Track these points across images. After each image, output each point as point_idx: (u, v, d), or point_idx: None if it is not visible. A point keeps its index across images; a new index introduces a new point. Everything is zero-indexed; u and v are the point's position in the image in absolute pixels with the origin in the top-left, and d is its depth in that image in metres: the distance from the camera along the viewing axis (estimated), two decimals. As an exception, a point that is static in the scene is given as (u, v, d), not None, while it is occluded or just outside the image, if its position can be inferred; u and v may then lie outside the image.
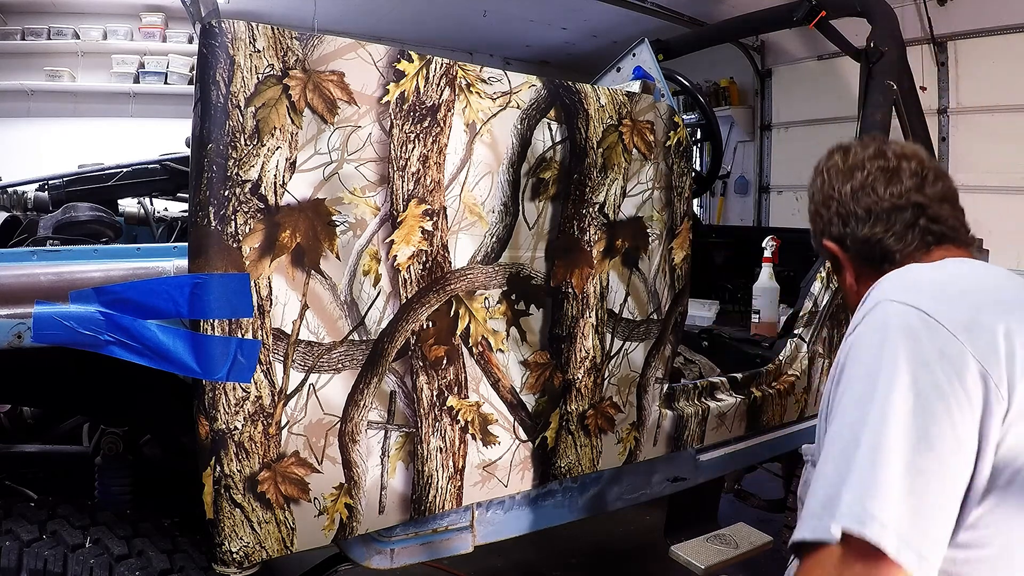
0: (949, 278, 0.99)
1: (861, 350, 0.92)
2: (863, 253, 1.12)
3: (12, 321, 1.05)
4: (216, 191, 1.09)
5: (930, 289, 0.95)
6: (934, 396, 0.83)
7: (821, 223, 1.19)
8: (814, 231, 1.23)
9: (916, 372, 0.85)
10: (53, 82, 4.35)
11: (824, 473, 0.87)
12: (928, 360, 0.85)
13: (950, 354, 0.85)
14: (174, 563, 1.25)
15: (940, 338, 0.86)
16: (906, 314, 0.90)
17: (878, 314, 0.93)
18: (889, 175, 1.11)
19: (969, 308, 0.90)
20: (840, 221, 1.14)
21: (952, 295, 0.93)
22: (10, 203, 1.89)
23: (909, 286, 0.96)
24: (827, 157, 1.22)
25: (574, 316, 1.54)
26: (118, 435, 1.53)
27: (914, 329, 0.88)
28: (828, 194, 1.17)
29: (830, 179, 1.17)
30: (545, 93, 1.45)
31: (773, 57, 4.72)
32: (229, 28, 1.08)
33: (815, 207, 1.21)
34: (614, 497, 1.80)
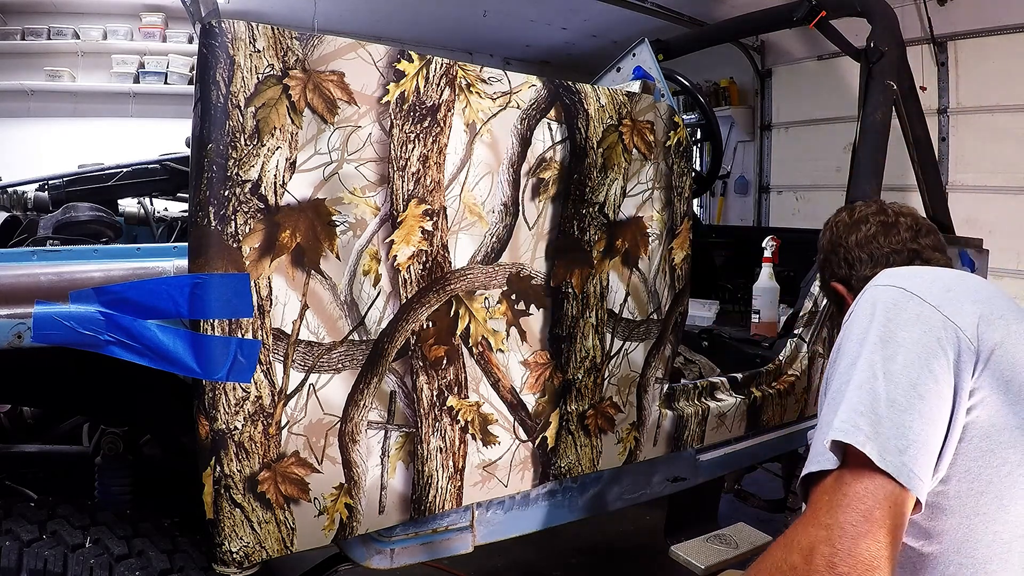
0: (934, 274, 1.13)
1: (852, 323, 1.05)
2: (859, 284, 1.27)
3: (12, 321, 1.05)
4: (216, 191, 1.09)
5: (915, 278, 1.08)
6: (913, 346, 0.96)
7: (830, 269, 1.40)
8: (823, 277, 1.45)
9: (896, 329, 0.99)
10: (53, 82, 4.36)
11: (822, 418, 1.00)
12: (908, 319, 0.99)
13: (927, 316, 1.00)
14: (174, 563, 1.25)
15: (918, 306, 1.01)
16: (890, 291, 1.04)
17: (867, 294, 1.07)
18: (888, 227, 1.33)
19: (944, 287, 1.05)
20: (846, 265, 1.35)
21: (934, 283, 1.06)
22: (10, 203, 1.89)
23: (895, 276, 1.11)
24: (835, 215, 1.44)
25: (574, 316, 1.54)
26: (118, 435, 1.53)
27: (897, 300, 1.02)
28: (836, 243, 1.38)
29: (838, 231, 1.39)
30: (545, 93, 1.45)
31: (773, 57, 4.72)
32: (229, 28, 1.08)
33: (824, 256, 1.42)
34: (614, 497, 1.80)
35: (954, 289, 1.05)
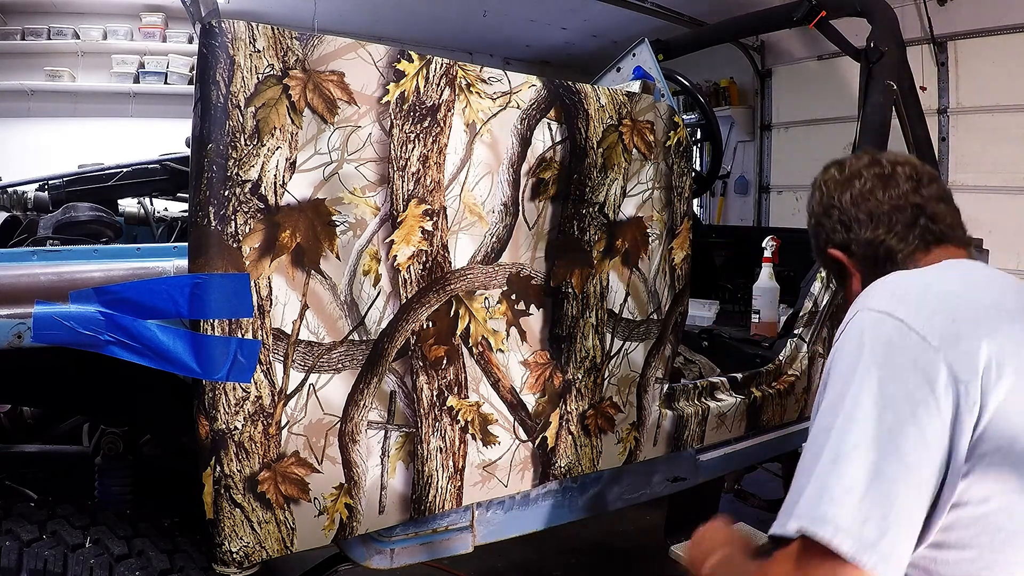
0: (937, 283, 1.00)
1: (838, 358, 0.95)
2: (868, 256, 1.14)
3: (12, 321, 1.05)
4: (216, 191, 1.09)
5: (913, 296, 0.96)
6: (903, 403, 0.85)
7: (824, 234, 1.21)
8: (817, 244, 1.26)
9: (886, 380, 0.87)
10: (53, 82, 4.35)
11: (797, 473, 0.91)
12: (899, 368, 0.87)
13: (922, 362, 0.87)
14: (174, 563, 1.25)
15: (913, 346, 0.88)
16: (881, 323, 0.92)
17: (856, 323, 0.96)
18: (886, 180, 1.15)
19: (950, 316, 0.91)
20: (843, 228, 1.17)
21: (935, 302, 0.94)
22: (10, 203, 1.88)
23: (890, 294, 0.97)
24: (823, 172, 1.26)
25: (574, 316, 1.54)
26: (118, 435, 1.52)
27: (888, 338, 0.90)
28: (828, 204, 1.20)
29: (829, 191, 1.21)
30: (545, 93, 1.45)
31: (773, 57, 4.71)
32: (229, 28, 1.08)
33: (816, 220, 1.24)
34: (614, 497, 1.80)
35: (961, 316, 0.91)
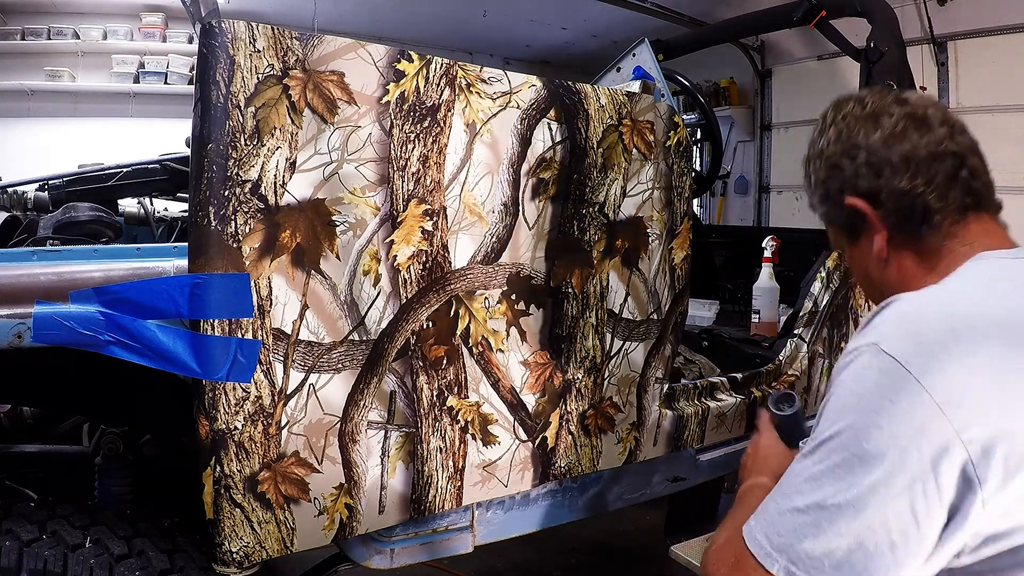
0: (970, 309, 0.82)
1: (838, 400, 0.83)
2: (902, 210, 0.93)
3: (12, 321, 1.05)
4: (216, 191, 1.09)
5: (937, 333, 0.79)
6: (899, 482, 0.74)
7: (841, 178, 0.98)
8: (825, 191, 1.02)
9: (885, 450, 0.75)
10: (53, 82, 4.35)
11: (774, 500, 0.85)
12: (902, 438, 0.74)
13: (931, 433, 0.74)
14: (174, 563, 1.25)
15: (925, 412, 0.74)
16: (893, 374, 0.77)
17: (864, 363, 0.81)
18: (919, 122, 0.95)
19: (980, 364, 0.76)
20: (871, 172, 0.94)
21: (965, 342, 0.77)
22: (10, 203, 1.88)
23: (911, 329, 0.81)
24: (836, 108, 1.03)
25: (574, 316, 1.54)
26: (118, 435, 1.52)
27: (897, 397, 0.76)
28: (852, 143, 0.97)
29: (850, 128, 0.98)
30: (545, 93, 1.45)
31: (773, 57, 4.71)
32: (229, 28, 1.08)
33: (831, 162, 0.99)
34: (614, 497, 1.80)
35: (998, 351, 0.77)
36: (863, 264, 1.01)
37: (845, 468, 0.76)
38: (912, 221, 0.93)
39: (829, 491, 0.77)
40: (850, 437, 0.77)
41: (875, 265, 0.99)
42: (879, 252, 0.97)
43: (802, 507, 0.79)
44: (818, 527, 0.77)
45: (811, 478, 0.79)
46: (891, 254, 0.97)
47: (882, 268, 0.98)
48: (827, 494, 0.77)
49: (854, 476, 0.76)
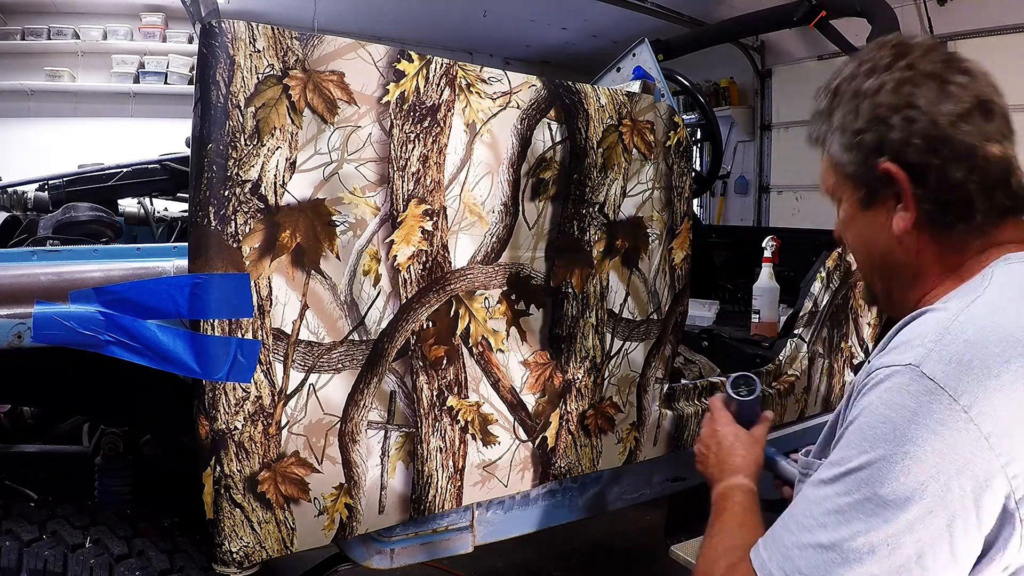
0: (1014, 326, 0.73)
1: (869, 425, 0.74)
2: (944, 200, 0.82)
3: (12, 321, 1.05)
4: (216, 191, 1.09)
5: (982, 357, 0.71)
6: (939, 520, 0.68)
7: (885, 136, 0.83)
8: (860, 141, 0.86)
9: (925, 486, 0.68)
10: (53, 82, 4.35)
11: (789, 530, 0.79)
12: (944, 474, 0.68)
13: (975, 467, 0.68)
14: (174, 563, 1.25)
15: (970, 445, 0.68)
16: (937, 402, 0.70)
17: (900, 385, 0.73)
18: (984, 109, 0.82)
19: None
20: (927, 147, 0.81)
21: (1014, 368, 0.70)
22: (10, 203, 1.88)
23: (956, 351, 0.72)
24: (899, 50, 0.86)
25: (574, 316, 1.54)
26: (118, 435, 1.52)
27: (941, 428, 0.69)
28: (912, 103, 0.82)
29: (914, 84, 0.82)
30: (545, 93, 1.45)
31: (773, 57, 4.71)
32: (229, 28, 1.08)
33: (877, 112, 0.84)
34: (614, 497, 1.80)
35: None
36: (870, 235, 0.90)
37: (878, 504, 0.70)
38: (950, 214, 0.83)
39: (859, 527, 0.70)
40: (884, 469, 0.70)
41: (887, 242, 0.88)
42: (900, 232, 0.85)
43: (826, 544, 0.72)
44: (846, 566, 0.71)
45: (836, 511, 0.73)
46: (921, 241, 0.85)
47: (894, 247, 0.87)
48: (856, 530, 0.71)
49: (888, 512, 0.69)
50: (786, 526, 0.79)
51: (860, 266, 0.96)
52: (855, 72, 0.88)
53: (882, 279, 0.93)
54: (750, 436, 1.17)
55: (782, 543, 0.78)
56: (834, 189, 0.94)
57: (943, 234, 0.84)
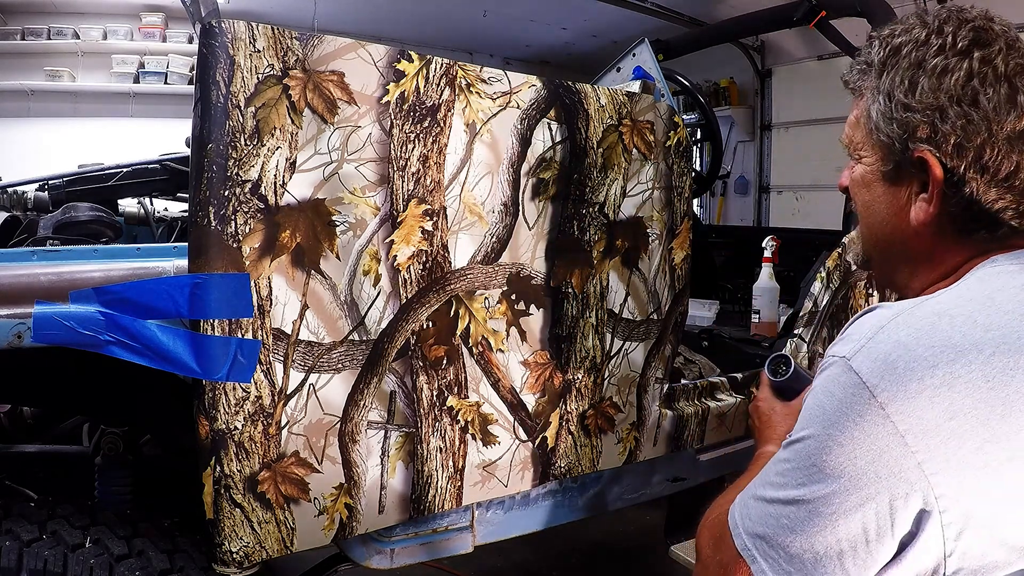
0: (959, 331, 0.71)
1: (809, 405, 0.78)
2: (973, 211, 0.79)
3: (12, 321, 1.05)
4: (216, 191, 1.09)
5: (907, 360, 0.70)
6: (852, 500, 0.71)
7: (934, 124, 0.78)
8: (905, 117, 0.80)
9: (841, 468, 0.71)
10: (53, 82, 4.35)
11: (752, 484, 0.85)
12: (860, 460, 0.70)
13: (888, 458, 0.69)
14: (174, 563, 1.25)
15: (886, 439, 0.69)
16: (859, 395, 0.71)
17: (833, 375, 0.75)
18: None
19: (955, 398, 0.68)
20: (975, 153, 0.76)
21: (940, 373, 0.69)
22: (10, 203, 1.88)
23: (885, 350, 0.72)
24: (979, 37, 0.78)
25: (574, 316, 1.54)
26: (118, 435, 1.53)
27: (860, 420, 0.70)
28: (972, 99, 0.76)
29: (982, 79, 0.76)
30: (545, 93, 1.45)
31: (773, 57, 4.71)
32: (229, 28, 1.08)
33: (935, 97, 0.78)
34: (614, 497, 1.80)
35: (982, 415, 0.68)
36: (884, 211, 0.87)
37: (804, 473, 0.75)
38: (973, 222, 0.80)
39: (791, 491, 0.76)
40: (812, 446, 0.74)
41: (899, 223, 0.85)
42: (919, 223, 0.82)
43: (768, 498, 0.80)
44: (777, 521, 0.77)
45: (779, 473, 0.80)
46: (929, 230, 0.83)
47: (908, 233, 0.85)
48: (788, 493, 0.77)
49: (812, 484, 0.74)
50: (753, 481, 0.85)
51: (863, 233, 0.93)
52: (925, 40, 0.80)
53: (883, 254, 0.91)
54: (787, 407, 1.17)
55: (745, 494, 0.85)
56: (857, 146, 0.89)
57: (962, 235, 0.82)
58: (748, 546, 0.80)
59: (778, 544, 0.77)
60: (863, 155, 0.88)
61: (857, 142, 0.89)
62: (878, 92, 0.83)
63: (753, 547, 0.79)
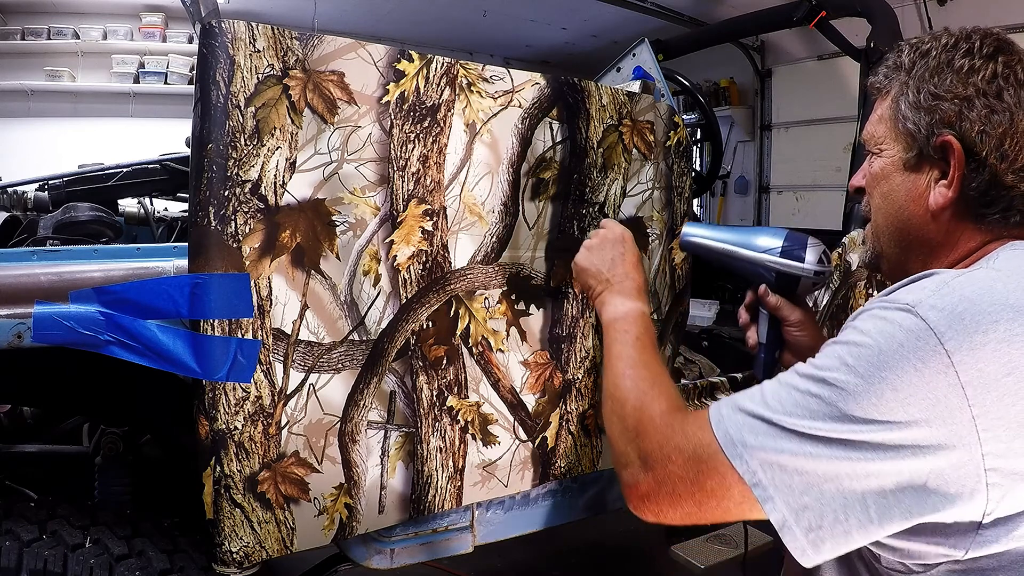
0: (1014, 296, 0.75)
1: (856, 343, 0.76)
2: (992, 193, 0.84)
3: (12, 321, 1.05)
4: (216, 191, 1.09)
5: (974, 312, 0.73)
6: (892, 453, 0.71)
7: (961, 113, 0.84)
8: (934, 106, 0.86)
9: (892, 415, 0.71)
10: (53, 82, 4.36)
11: (753, 398, 0.81)
12: (914, 408, 0.70)
13: (943, 410, 0.70)
14: (174, 563, 1.25)
15: (946, 389, 0.70)
16: (924, 341, 0.72)
17: (895, 319, 0.75)
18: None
19: (1015, 354, 0.71)
20: (997, 141, 0.83)
21: (1003, 328, 0.71)
22: (10, 203, 1.89)
23: (952, 302, 0.74)
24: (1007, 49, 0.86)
25: (574, 316, 1.54)
26: (118, 435, 1.53)
27: (922, 365, 0.71)
28: (996, 93, 0.83)
29: (1003, 82, 0.83)
30: (549, 91, 1.45)
31: (773, 57, 4.71)
32: (229, 28, 1.08)
33: (964, 91, 0.84)
34: (614, 497, 1.80)
35: None
36: (902, 198, 0.91)
37: (838, 414, 0.73)
38: (990, 207, 0.85)
39: (821, 427, 0.74)
40: (859, 387, 0.72)
41: (916, 210, 0.89)
42: (937, 207, 0.87)
43: (786, 426, 0.76)
44: (796, 454, 0.74)
45: (801, 405, 0.76)
46: (946, 215, 0.87)
47: (925, 219, 0.89)
48: (818, 429, 0.74)
49: (850, 423, 0.72)
50: (751, 395, 0.82)
51: (878, 227, 0.96)
52: (953, 45, 0.88)
53: (899, 245, 0.93)
54: (628, 261, 1.18)
55: (744, 409, 0.80)
56: (879, 140, 0.94)
57: (976, 221, 0.86)
58: (756, 471, 0.76)
59: (795, 473, 0.74)
60: (884, 148, 0.93)
61: (879, 136, 0.94)
62: (907, 86, 0.89)
63: (763, 473, 0.75)
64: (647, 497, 0.86)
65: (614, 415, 0.97)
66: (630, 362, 1.03)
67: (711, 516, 0.81)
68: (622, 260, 1.21)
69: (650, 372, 1.01)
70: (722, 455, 0.78)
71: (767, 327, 1.17)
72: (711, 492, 0.80)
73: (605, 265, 1.21)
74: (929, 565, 0.77)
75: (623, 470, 0.90)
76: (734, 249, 1.17)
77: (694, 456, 0.81)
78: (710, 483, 0.79)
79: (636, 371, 1.01)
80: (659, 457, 0.85)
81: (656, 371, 1.01)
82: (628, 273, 1.19)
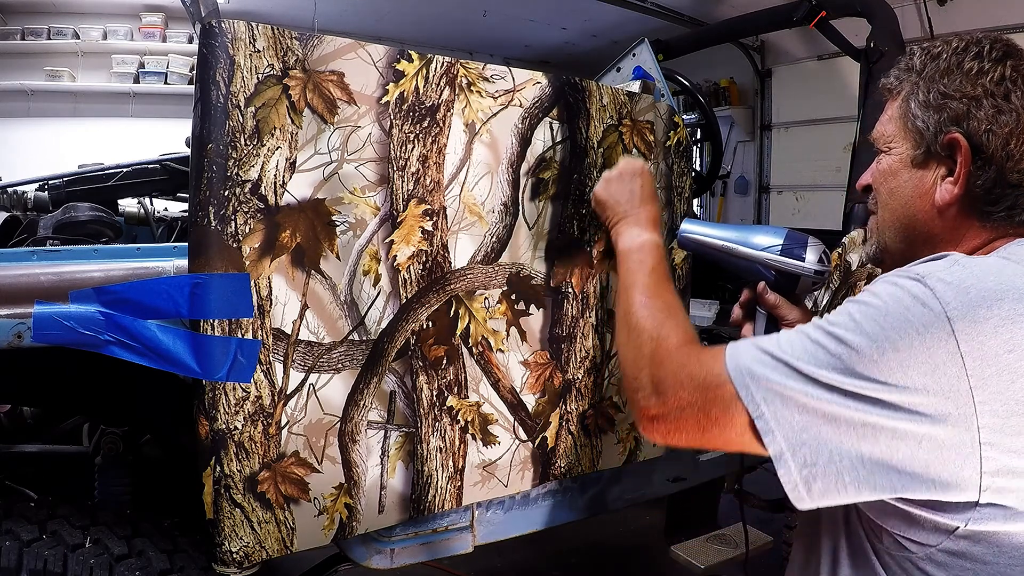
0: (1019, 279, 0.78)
1: (868, 303, 0.79)
2: (996, 191, 0.87)
3: (12, 321, 1.05)
4: (216, 191, 1.09)
5: (980, 288, 0.76)
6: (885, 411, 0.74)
7: (969, 112, 0.86)
8: (942, 106, 0.88)
9: (891, 376, 0.73)
10: (53, 82, 4.36)
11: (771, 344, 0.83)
12: (913, 372, 0.73)
13: (940, 375, 0.72)
14: (174, 563, 1.26)
15: (944, 355, 0.73)
16: (928, 309, 0.74)
17: (905, 286, 0.78)
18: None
19: (1016, 333, 0.73)
20: (1003, 140, 0.85)
21: (1007, 308, 0.74)
22: (10, 203, 1.89)
23: (960, 278, 0.77)
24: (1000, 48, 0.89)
25: (574, 316, 1.54)
26: (118, 435, 1.53)
27: (925, 331, 0.73)
28: (1004, 94, 0.85)
29: (1010, 84, 0.86)
30: (550, 91, 1.45)
31: (773, 57, 4.71)
32: (229, 28, 1.08)
33: (972, 91, 0.87)
34: (614, 497, 1.80)
35: None
36: (909, 194, 0.93)
37: (848, 371, 0.75)
38: (994, 204, 0.87)
39: (825, 375, 0.76)
40: (862, 345, 0.75)
41: (923, 206, 0.92)
42: (943, 203, 0.89)
43: (793, 367, 0.78)
44: (808, 393, 0.77)
45: (810, 353, 0.78)
46: (952, 211, 0.89)
47: (931, 215, 0.91)
48: (823, 374, 0.77)
49: (851, 378, 0.75)
50: (768, 338, 0.85)
51: (883, 221, 0.98)
52: (963, 49, 0.90)
53: (905, 240, 0.96)
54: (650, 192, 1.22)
55: (761, 351, 0.83)
56: (888, 139, 0.96)
57: (981, 218, 0.88)
58: (760, 404, 0.79)
59: (797, 410, 0.77)
60: (893, 146, 0.95)
61: (889, 135, 0.96)
62: (918, 86, 0.92)
63: (766, 407, 0.78)
64: (656, 419, 0.89)
65: (629, 342, 1.00)
66: (646, 291, 1.06)
67: (713, 443, 0.85)
68: (640, 192, 1.23)
69: (665, 302, 1.04)
70: (730, 385, 0.81)
71: (764, 326, 1.17)
72: (715, 420, 0.83)
73: (623, 196, 1.24)
74: (927, 545, 0.79)
75: (635, 393, 0.94)
76: (733, 246, 1.17)
77: (704, 384, 0.85)
78: (715, 411, 0.83)
79: (652, 300, 1.04)
80: (672, 383, 0.88)
81: (671, 301, 1.04)
82: (644, 205, 1.22)
